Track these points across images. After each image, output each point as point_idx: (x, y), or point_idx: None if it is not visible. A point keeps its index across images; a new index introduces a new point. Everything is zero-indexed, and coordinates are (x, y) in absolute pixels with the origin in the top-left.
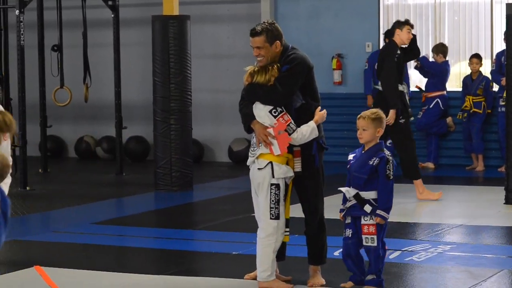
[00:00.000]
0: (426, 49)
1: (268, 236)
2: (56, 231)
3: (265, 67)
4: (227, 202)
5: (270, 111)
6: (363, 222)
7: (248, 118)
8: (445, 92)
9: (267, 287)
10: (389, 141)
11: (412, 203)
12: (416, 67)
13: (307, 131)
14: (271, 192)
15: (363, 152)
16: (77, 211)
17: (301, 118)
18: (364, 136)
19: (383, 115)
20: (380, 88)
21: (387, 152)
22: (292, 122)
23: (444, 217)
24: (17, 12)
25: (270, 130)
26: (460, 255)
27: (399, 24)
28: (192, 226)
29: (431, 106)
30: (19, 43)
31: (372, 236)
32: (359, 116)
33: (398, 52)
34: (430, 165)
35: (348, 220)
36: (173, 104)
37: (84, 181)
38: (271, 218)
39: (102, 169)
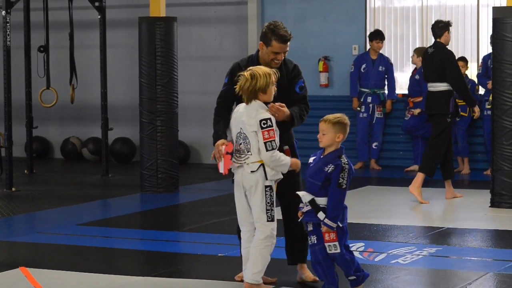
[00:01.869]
0: (412, 53)
1: (266, 238)
2: (41, 232)
3: (265, 73)
4: (213, 204)
5: (260, 121)
6: (323, 230)
7: (216, 136)
8: None
9: None
10: (374, 144)
11: (397, 206)
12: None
13: (281, 161)
14: (266, 194)
15: (321, 157)
16: (62, 212)
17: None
18: (324, 140)
19: (346, 121)
20: (432, 89)
21: (344, 160)
22: (276, 140)
23: (430, 220)
24: (3, 12)
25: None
26: (445, 258)
27: (447, 26)
28: (178, 228)
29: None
30: (5, 44)
31: (334, 243)
32: (321, 119)
33: None
34: (417, 168)
35: (310, 227)
36: (159, 105)
37: (69, 182)
38: (268, 220)
39: (88, 171)
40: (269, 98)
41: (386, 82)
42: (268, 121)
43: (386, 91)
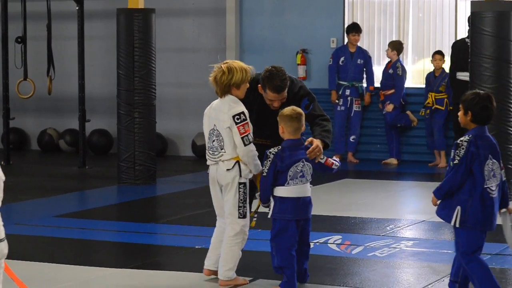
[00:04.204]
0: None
1: (236, 235)
2: (18, 224)
3: (242, 69)
4: (190, 196)
5: (233, 116)
6: None
7: None
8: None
9: (229, 284)
10: (352, 137)
11: (375, 199)
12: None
13: (256, 160)
14: (239, 191)
15: None
16: (39, 203)
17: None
18: None
19: (285, 113)
20: (461, 78)
21: (272, 150)
22: (251, 134)
23: (407, 213)
24: None
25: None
26: (422, 250)
27: None
28: (155, 220)
29: (390, 102)
30: None
31: None
32: None
33: None
34: (394, 161)
35: None
36: (137, 97)
37: (46, 174)
38: (239, 217)
39: (65, 162)
40: (242, 94)
41: (364, 75)
42: (241, 115)
43: (365, 84)
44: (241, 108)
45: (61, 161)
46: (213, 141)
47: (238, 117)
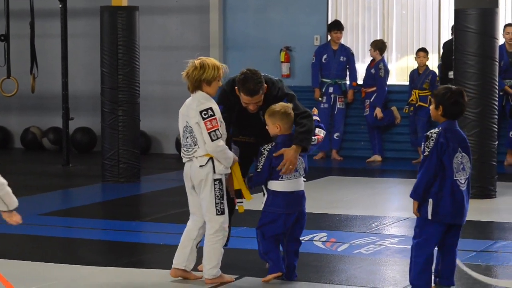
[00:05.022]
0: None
1: (216, 232)
2: (2, 222)
3: (214, 66)
4: (174, 194)
5: (201, 112)
6: None
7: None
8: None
9: (214, 282)
10: (336, 134)
11: (359, 196)
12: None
13: (226, 153)
14: (215, 188)
15: None
16: (23, 202)
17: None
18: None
19: (277, 109)
20: (452, 77)
21: (265, 146)
22: (219, 129)
23: (392, 210)
24: None
25: None
26: (407, 247)
27: None
28: (140, 218)
29: (372, 100)
30: None
31: None
32: None
33: None
34: (377, 157)
35: None
36: (121, 95)
37: (30, 172)
38: (217, 214)
39: (48, 160)
40: (213, 92)
41: (347, 72)
42: (209, 110)
43: (348, 82)
44: (210, 104)
45: (45, 159)
46: (187, 138)
47: (205, 112)
